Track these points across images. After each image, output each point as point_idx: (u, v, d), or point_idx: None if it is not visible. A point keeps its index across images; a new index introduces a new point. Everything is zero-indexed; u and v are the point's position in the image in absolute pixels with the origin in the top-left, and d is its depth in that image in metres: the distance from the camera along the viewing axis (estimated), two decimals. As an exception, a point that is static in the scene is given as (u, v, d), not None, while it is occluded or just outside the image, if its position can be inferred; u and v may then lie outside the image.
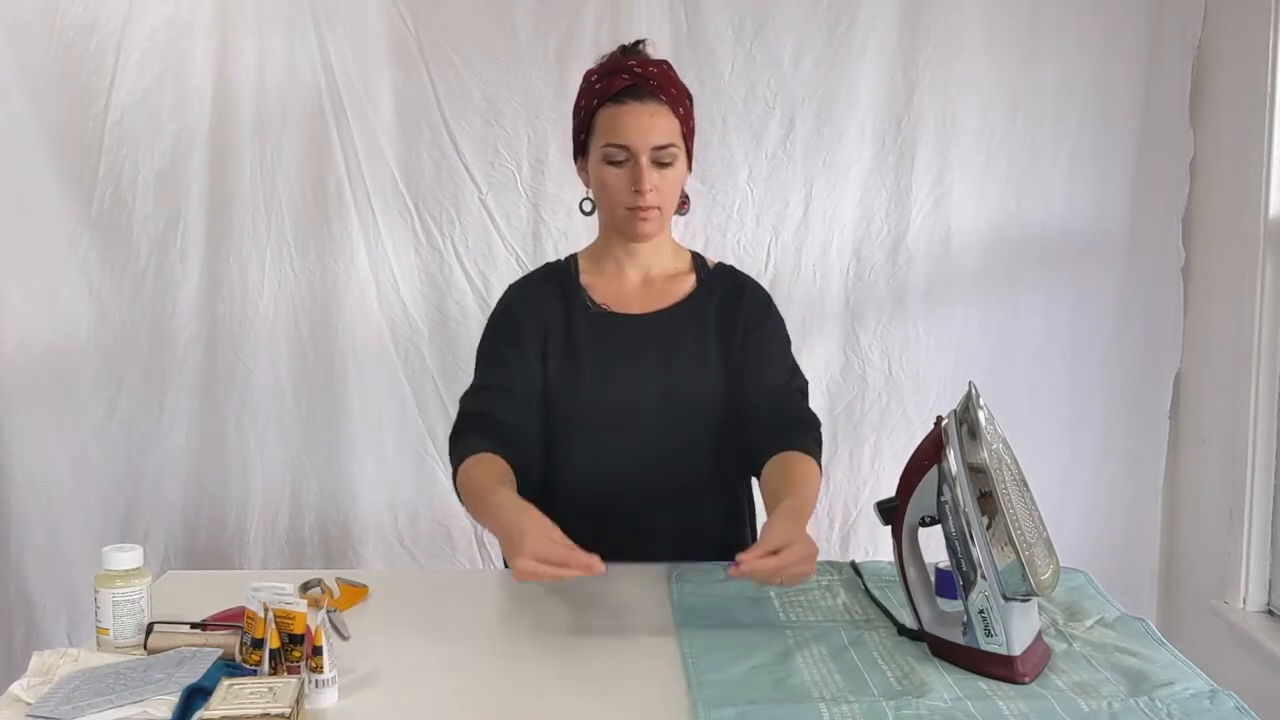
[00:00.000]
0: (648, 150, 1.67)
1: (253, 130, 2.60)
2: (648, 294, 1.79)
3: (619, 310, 1.77)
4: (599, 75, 1.73)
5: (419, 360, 2.69)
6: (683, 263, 1.83)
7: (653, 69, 1.71)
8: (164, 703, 1.21)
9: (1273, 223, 2.43)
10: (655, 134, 1.67)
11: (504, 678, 1.38)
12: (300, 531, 2.71)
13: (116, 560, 1.39)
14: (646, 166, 1.67)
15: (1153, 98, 2.69)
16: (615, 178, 1.69)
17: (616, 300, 1.77)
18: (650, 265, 1.80)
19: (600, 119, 1.70)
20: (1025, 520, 1.31)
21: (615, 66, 1.71)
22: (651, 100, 1.68)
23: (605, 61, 1.75)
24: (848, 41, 2.63)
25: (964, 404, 1.35)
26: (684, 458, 1.75)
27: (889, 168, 2.69)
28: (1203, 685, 1.29)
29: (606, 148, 1.68)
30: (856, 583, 1.64)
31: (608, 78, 1.70)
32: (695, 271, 1.82)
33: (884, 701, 1.25)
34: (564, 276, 1.80)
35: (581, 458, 1.75)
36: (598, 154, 1.70)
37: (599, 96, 1.70)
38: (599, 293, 1.78)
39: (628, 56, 1.74)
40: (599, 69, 1.74)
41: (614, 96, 1.68)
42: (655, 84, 1.69)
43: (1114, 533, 2.79)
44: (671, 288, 1.80)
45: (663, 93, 1.69)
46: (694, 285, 1.80)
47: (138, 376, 2.64)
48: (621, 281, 1.79)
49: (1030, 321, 2.75)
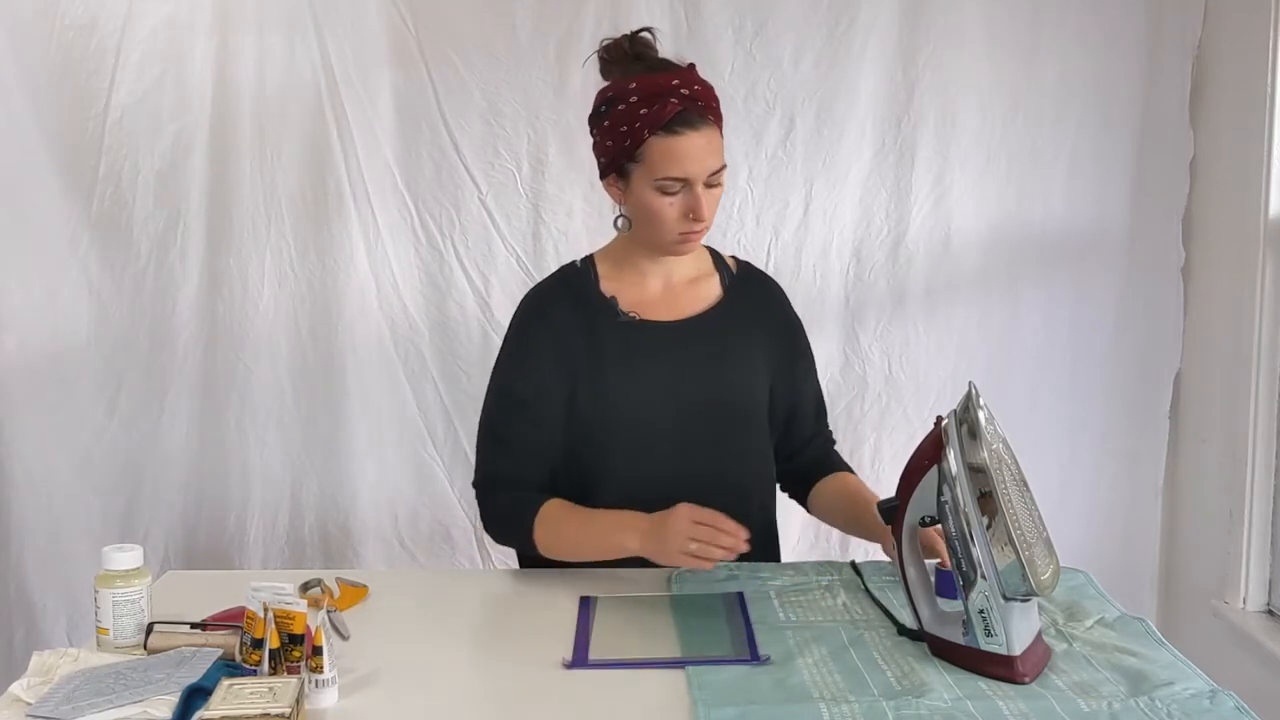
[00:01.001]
0: (704, 176, 1.62)
1: (253, 130, 2.59)
2: (672, 300, 1.75)
3: (647, 318, 1.72)
4: (641, 97, 1.61)
5: (419, 360, 2.69)
6: (703, 264, 1.80)
7: (697, 88, 1.62)
8: (164, 703, 1.21)
9: (1273, 223, 2.43)
10: (711, 160, 1.62)
11: (504, 677, 1.38)
12: (300, 531, 2.71)
13: (116, 560, 1.39)
14: (702, 194, 1.62)
15: (1153, 98, 2.69)
16: (669, 207, 1.63)
17: (642, 307, 1.73)
18: (673, 271, 1.76)
19: (654, 149, 1.60)
20: (1025, 520, 1.31)
21: (659, 88, 1.60)
22: (703, 124, 1.61)
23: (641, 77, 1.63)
24: (848, 41, 2.63)
25: (964, 404, 1.35)
26: (717, 465, 1.72)
27: (889, 168, 2.69)
28: (1203, 685, 1.29)
29: (663, 180, 1.61)
30: (856, 583, 1.64)
31: (653, 101, 1.60)
32: (718, 273, 1.79)
33: (884, 701, 1.25)
34: (583, 284, 1.74)
35: (615, 470, 1.71)
36: (647, 183, 1.62)
37: (647, 124, 1.60)
38: (623, 300, 1.73)
39: (667, 74, 1.63)
40: (640, 87, 1.61)
41: (666, 125, 1.59)
42: (703, 104, 1.62)
43: (1114, 533, 2.79)
44: (697, 292, 1.77)
45: (710, 111, 1.63)
46: (720, 291, 1.77)
47: (138, 376, 2.64)
48: (644, 288, 1.75)
49: (1030, 321, 2.75)
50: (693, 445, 1.70)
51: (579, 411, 1.70)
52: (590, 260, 1.78)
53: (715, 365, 1.73)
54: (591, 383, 1.69)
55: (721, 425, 1.72)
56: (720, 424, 1.72)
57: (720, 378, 1.73)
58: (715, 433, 1.72)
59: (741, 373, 1.75)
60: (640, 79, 1.63)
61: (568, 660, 1.38)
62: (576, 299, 1.73)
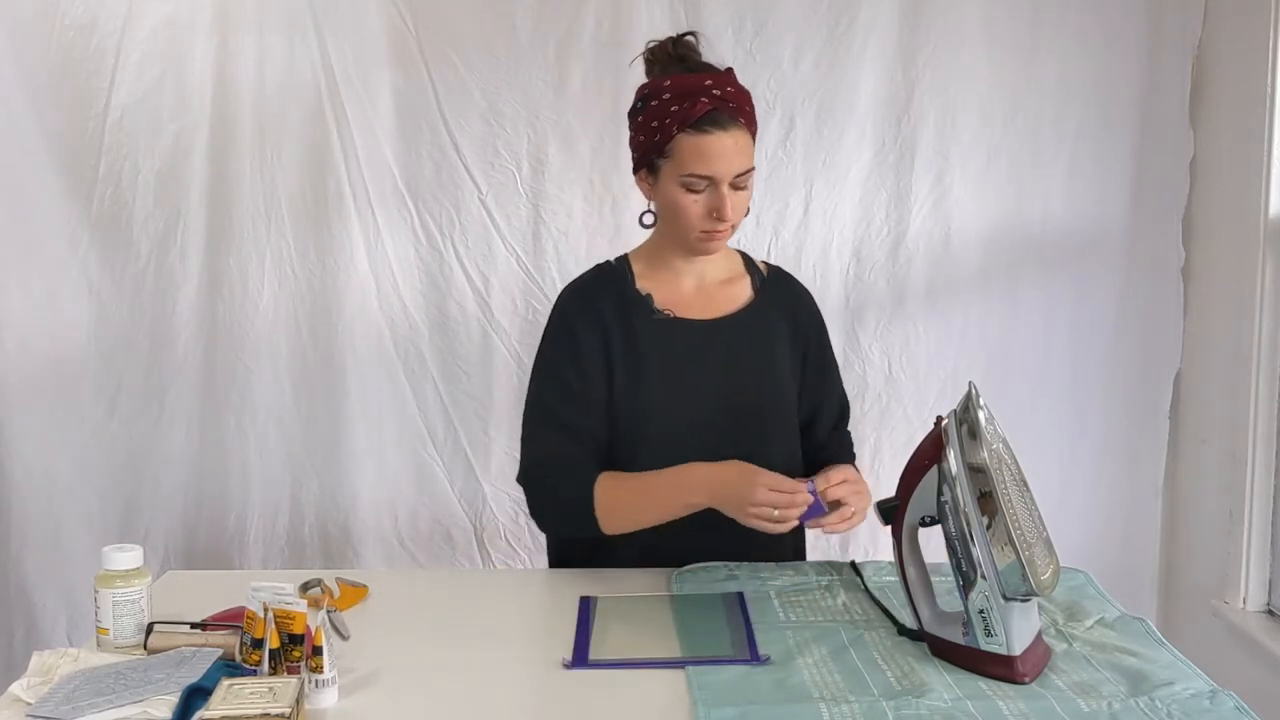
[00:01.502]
0: (730, 177, 1.63)
1: (253, 130, 2.59)
2: (705, 299, 1.76)
3: (683, 316, 1.74)
4: (674, 95, 1.63)
5: (419, 360, 2.69)
6: (735, 266, 1.81)
7: (730, 90, 1.64)
8: (164, 703, 1.21)
9: (1273, 223, 2.43)
10: (738, 161, 1.63)
11: (504, 677, 1.38)
12: (300, 531, 2.71)
13: (116, 560, 1.39)
14: (728, 194, 1.64)
15: (1153, 98, 2.69)
16: (694, 204, 1.65)
17: (677, 305, 1.75)
18: (705, 271, 1.77)
19: (682, 146, 1.62)
20: (1025, 520, 1.31)
21: (691, 87, 1.63)
22: (733, 125, 1.62)
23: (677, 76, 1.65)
24: (848, 41, 2.63)
25: (964, 404, 1.35)
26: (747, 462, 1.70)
27: (889, 168, 2.69)
28: (1203, 685, 1.29)
29: (688, 177, 1.63)
30: (856, 583, 1.65)
31: (685, 99, 1.62)
32: (749, 275, 1.81)
33: (884, 701, 1.25)
34: (620, 281, 1.76)
35: (644, 464, 1.70)
36: (674, 179, 1.64)
37: (677, 121, 1.62)
38: (658, 298, 1.75)
39: (702, 74, 1.65)
40: (674, 85, 1.64)
41: (695, 124, 1.61)
42: (734, 106, 1.63)
43: (1114, 533, 2.79)
44: (729, 293, 1.78)
45: (741, 114, 1.64)
46: (751, 293, 1.79)
47: (138, 376, 2.64)
48: (678, 286, 1.76)
49: (1030, 321, 2.75)
50: (723, 442, 1.70)
51: (614, 403, 1.72)
52: (625, 259, 1.80)
53: (747, 364, 1.74)
54: (627, 376, 1.71)
55: (752, 423, 1.73)
56: (751, 421, 1.73)
57: (752, 377, 1.74)
58: (745, 430, 1.72)
59: (772, 373, 1.76)
60: (676, 78, 1.65)
61: (568, 660, 1.38)
62: (615, 294, 1.75)
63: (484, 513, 2.71)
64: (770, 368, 1.76)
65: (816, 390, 1.83)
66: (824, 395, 1.84)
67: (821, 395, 1.84)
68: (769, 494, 1.53)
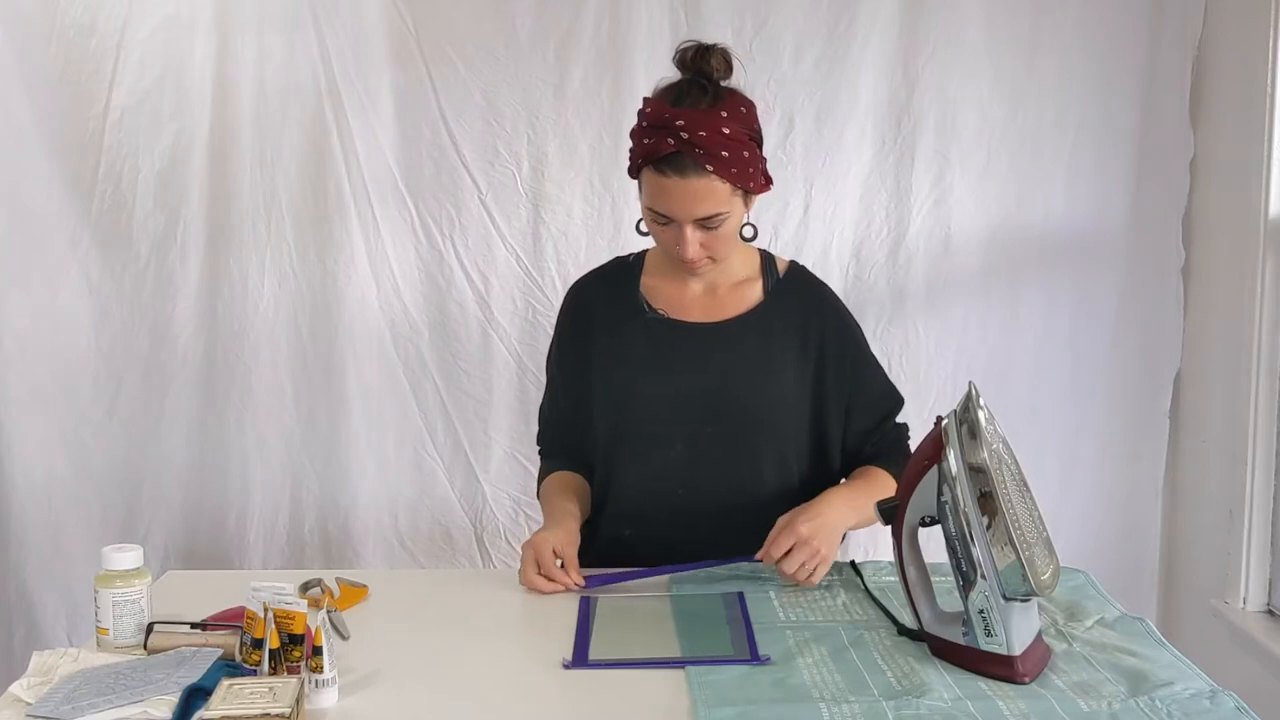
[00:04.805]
0: (690, 220, 1.59)
1: (253, 130, 2.59)
2: (712, 302, 1.75)
3: (680, 318, 1.73)
4: (648, 125, 1.58)
5: (419, 360, 2.69)
6: (751, 267, 1.77)
7: (703, 133, 1.54)
8: (164, 703, 1.21)
9: (1273, 223, 2.43)
10: (698, 208, 1.57)
11: (504, 677, 1.38)
12: (300, 531, 2.71)
13: (116, 560, 1.39)
14: (690, 235, 1.60)
15: (1153, 98, 2.68)
16: (662, 233, 1.64)
17: (677, 307, 1.73)
18: (715, 278, 1.75)
19: (646, 179, 1.60)
20: (1025, 520, 1.31)
21: (662, 121, 1.55)
22: (695, 174, 1.55)
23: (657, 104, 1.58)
24: (848, 41, 2.63)
25: (964, 404, 1.35)
26: (732, 468, 1.72)
27: (889, 168, 2.69)
28: (1203, 685, 1.29)
29: (650, 210, 1.62)
30: (856, 583, 1.65)
31: (654, 134, 1.57)
32: (763, 277, 1.77)
33: (884, 701, 1.25)
34: (625, 278, 1.77)
35: (628, 467, 1.72)
36: (644, 205, 1.64)
37: (643, 155, 1.59)
38: (660, 298, 1.74)
39: (681, 110, 1.56)
40: (651, 115, 1.58)
41: (656, 163, 1.57)
42: (703, 152, 1.54)
43: (1114, 533, 2.79)
44: (738, 295, 1.75)
45: (710, 160, 1.54)
46: (761, 296, 1.75)
47: (138, 376, 2.64)
48: (685, 287, 1.75)
49: (1030, 321, 2.74)
50: (710, 445, 1.70)
51: (594, 399, 1.74)
52: (643, 256, 1.81)
53: (741, 369, 1.72)
54: (608, 373, 1.73)
55: (739, 429, 1.72)
56: (738, 427, 1.71)
57: (741, 380, 1.72)
58: (731, 435, 1.71)
59: (764, 376, 1.72)
60: (654, 104, 1.60)
61: (568, 660, 1.38)
62: (614, 291, 1.77)
63: (484, 513, 2.71)
64: (766, 374, 1.72)
65: (841, 382, 1.76)
66: (854, 386, 1.78)
67: (851, 386, 1.77)
68: (531, 577, 1.61)
